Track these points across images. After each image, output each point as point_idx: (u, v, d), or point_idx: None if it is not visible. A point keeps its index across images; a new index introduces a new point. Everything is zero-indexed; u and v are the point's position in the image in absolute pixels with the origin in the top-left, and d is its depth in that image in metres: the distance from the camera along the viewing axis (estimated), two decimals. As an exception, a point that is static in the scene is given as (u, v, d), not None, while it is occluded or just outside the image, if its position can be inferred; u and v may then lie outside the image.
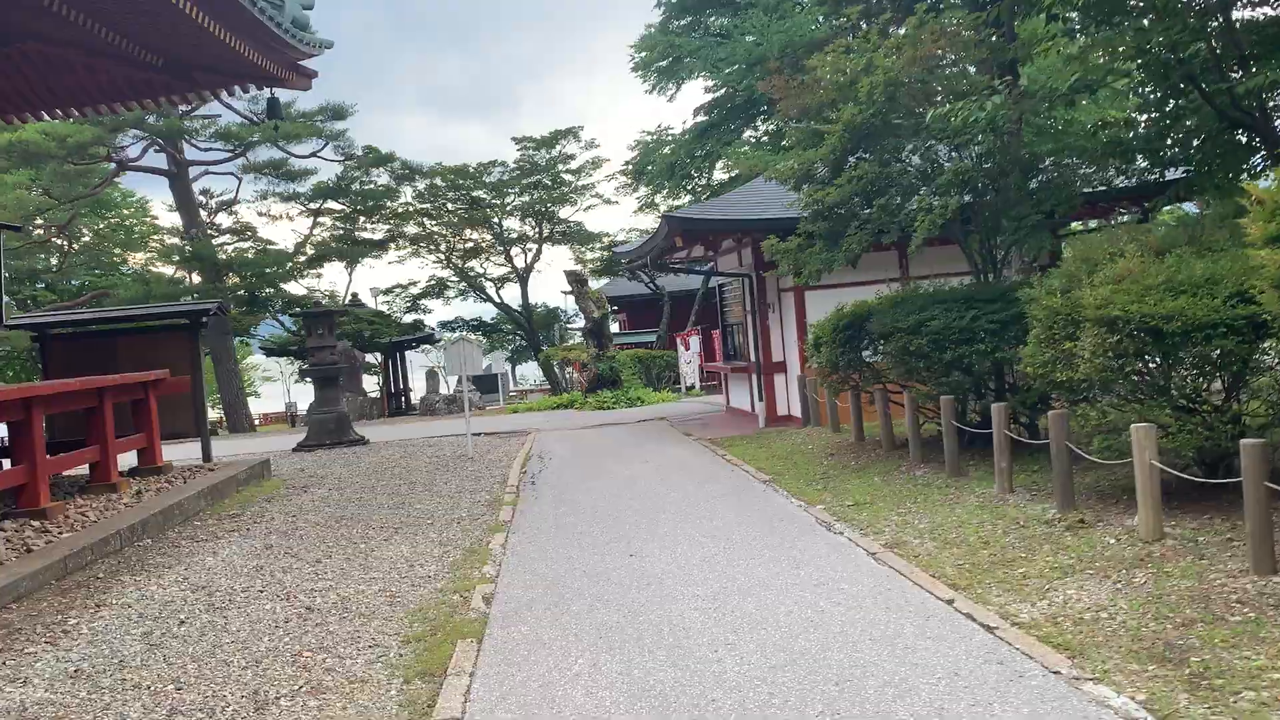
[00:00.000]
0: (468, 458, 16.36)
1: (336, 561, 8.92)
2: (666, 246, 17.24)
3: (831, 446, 13.59)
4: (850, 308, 12.33)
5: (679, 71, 32.41)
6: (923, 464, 11.16)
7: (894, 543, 7.90)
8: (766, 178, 12.57)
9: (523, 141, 36.78)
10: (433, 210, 36.35)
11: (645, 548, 8.42)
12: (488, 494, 12.35)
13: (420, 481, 13.91)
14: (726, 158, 30.73)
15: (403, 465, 16.00)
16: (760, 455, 13.65)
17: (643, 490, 11.52)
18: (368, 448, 19.20)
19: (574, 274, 27.53)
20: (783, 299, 17.83)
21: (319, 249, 34.58)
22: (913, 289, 11.69)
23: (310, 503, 12.60)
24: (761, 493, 10.75)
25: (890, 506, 9.31)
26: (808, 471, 11.84)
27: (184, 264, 30.02)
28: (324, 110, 30.74)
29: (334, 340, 19.88)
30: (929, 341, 10.12)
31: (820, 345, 12.47)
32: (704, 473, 12.58)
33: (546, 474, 13.78)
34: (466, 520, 10.56)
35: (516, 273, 38.04)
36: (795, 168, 11.46)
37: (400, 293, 37.62)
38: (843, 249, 10.81)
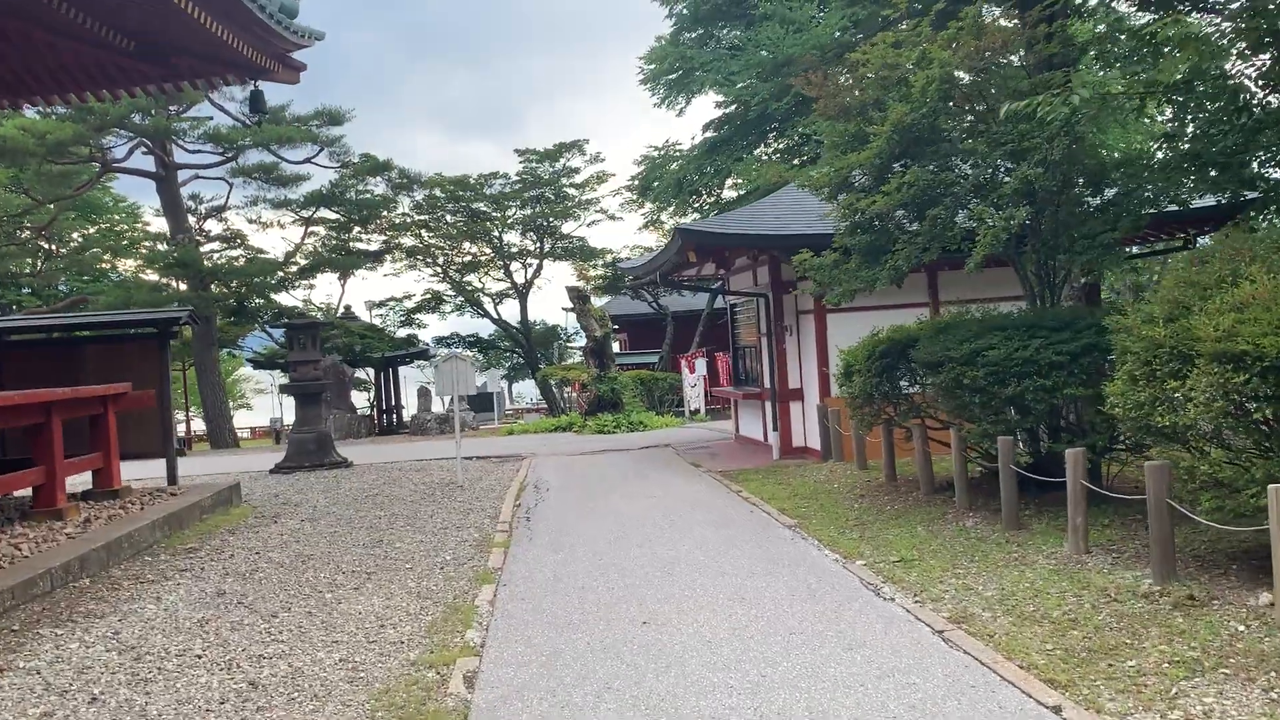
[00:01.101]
0: (457, 485, 15.03)
1: (295, 616, 7.58)
2: (678, 261, 15.98)
3: (860, 486, 12.26)
4: (887, 333, 11.06)
5: (689, 84, 31.28)
6: (971, 512, 9.85)
7: (960, 616, 6.58)
8: (799, 185, 11.35)
9: (525, 153, 35.61)
10: (431, 222, 35.10)
11: (661, 612, 7.09)
12: (476, 531, 11.02)
13: (403, 514, 12.58)
14: (737, 174, 29.55)
15: (386, 493, 14.67)
16: (780, 493, 12.32)
17: (652, 534, 10.19)
18: (350, 471, 17.86)
19: (576, 290, 26.28)
20: (801, 322, 16.56)
21: (311, 259, 33.31)
22: (961, 313, 10.41)
23: (278, 536, 11.26)
24: (789, 541, 9.42)
25: (944, 565, 7.99)
26: (838, 516, 10.51)
27: (167, 271, 28.73)
28: (320, 115, 29.53)
29: (319, 354, 18.58)
30: (986, 374, 8.83)
31: (852, 373, 11.18)
32: (719, 513, 11.26)
33: (543, 508, 12.45)
34: (451, 565, 9.22)
35: (516, 288, 36.78)
36: (831, 175, 10.20)
37: (394, 306, 36.32)
38: (886, 266, 9.53)
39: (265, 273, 30.22)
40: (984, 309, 10.87)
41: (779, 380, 16.61)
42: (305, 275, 33.67)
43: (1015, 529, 8.85)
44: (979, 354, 8.92)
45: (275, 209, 30.59)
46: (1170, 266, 7.17)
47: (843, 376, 11.44)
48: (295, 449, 18.18)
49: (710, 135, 31.83)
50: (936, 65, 8.69)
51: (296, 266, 33.41)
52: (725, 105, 31.69)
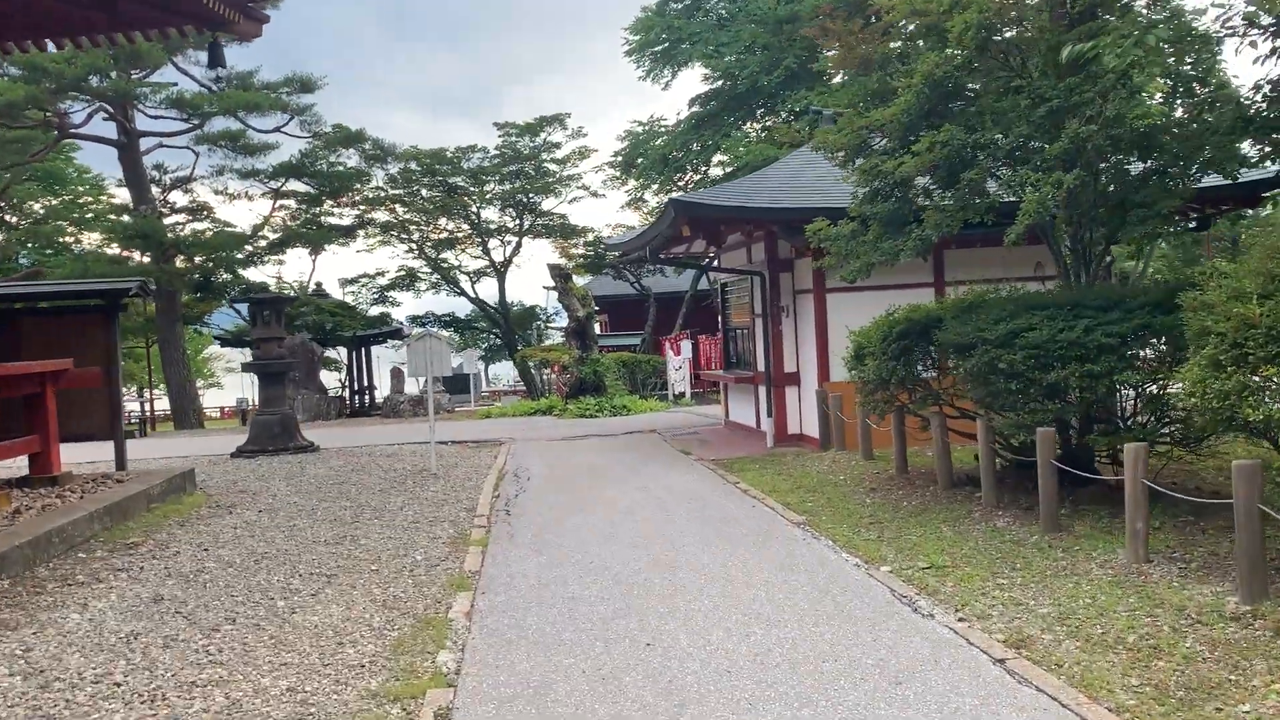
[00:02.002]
0: (431, 473, 13.98)
1: (241, 630, 6.54)
2: (670, 235, 14.95)
3: (868, 478, 11.32)
4: (903, 312, 10.09)
5: (676, 56, 30.21)
6: (999, 510, 8.91)
7: (1017, 639, 5.63)
8: (814, 148, 10.33)
9: (505, 127, 34.35)
10: (406, 196, 33.79)
11: (666, 631, 6.10)
12: (451, 526, 9.99)
13: (371, 504, 11.53)
14: (725, 150, 28.52)
15: (353, 480, 13.60)
16: (782, 485, 11.36)
17: (646, 531, 9.19)
18: (316, 456, 16.75)
19: (558, 268, 25.19)
20: (799, 302, 15.59)
21: (281, 233, 31.96)
22: (986, 291, 9.46)
23: (231, 530, 10.18)
24: (801, 541, 8.45)
25: (982, 573, 7.05)
26: (850, 512, 9.56)
27: (127, 242, 27.33)
28: (290, 82, 28.15)
29: (283, 331, 17.43)
30: (1025, 358, 7.87)
31: (864, 356, 10.21)
32: (717, 507, 10.28)
33: (524, 500, 11.43)
34: (422, 567, 8.19)
35: (494, 266, 35.57)
36: (849, 135, 9.18)
37: (367, 283, 34.96)
38: (912, 237, 8.53)
39: (232, 246, 28.87)
40: (997, 290, 9.96)
41: (774, 363, 15.64)
42: (275, 250, 32.32)
43: (1055, 531, 7.92)
44: (1017, 335, 7.96)
45: (243, 179, 29.24)
46: (1256, 236, 6.27)
47: (853, 360, 10.47)
48: (258, 431, 17.06)
49: (697, 110, 30.78)
50: (975, 8, 7.67)
51: (266, 241, 32.06)
52: (712, 79, 30.64)
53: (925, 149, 8.00)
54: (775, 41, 26.47)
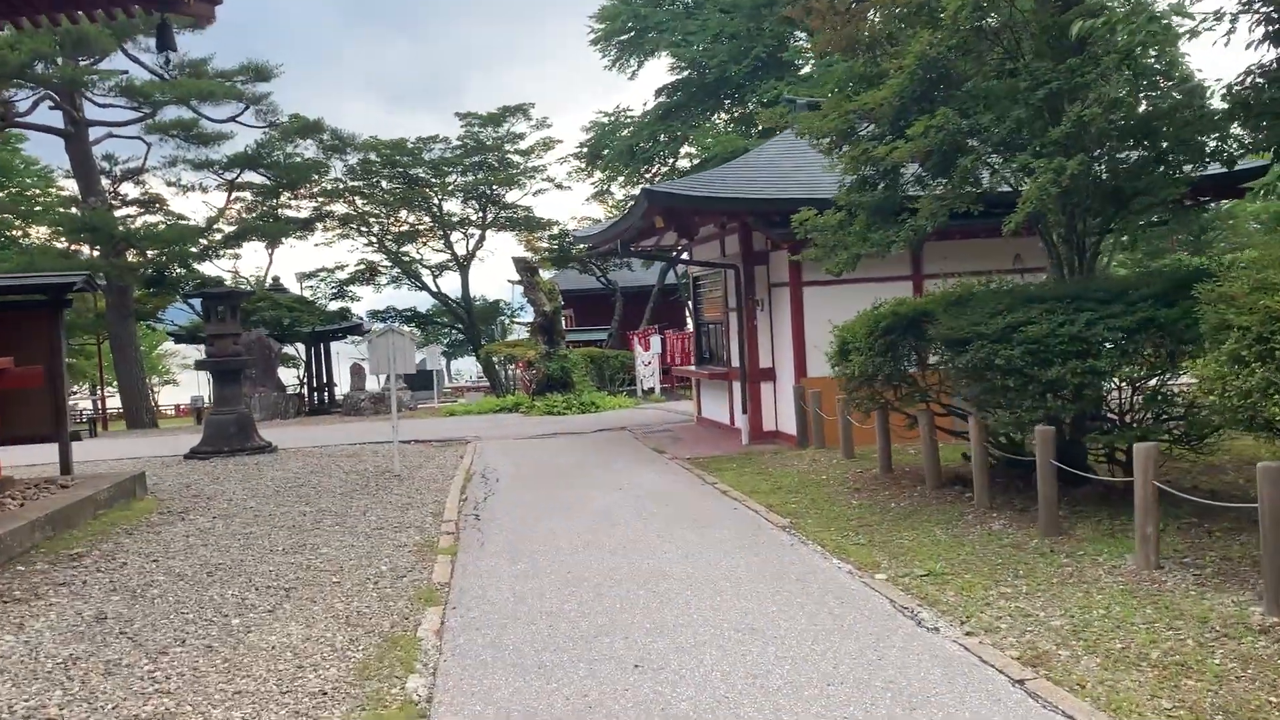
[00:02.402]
0: (394, 475, 13.44)
1: (190, 653, 6.01)
2: (642, 227, 14.49)
3: (852, 478, 10.94)
4: (890, 306, 9.71)
5: (642, 45, 29.75)
6: (993, 512, 8.56)
7: (1033, 656, 5.25)
8: (799, 134, 9.93)
9: (467, 117, 33.68)
10: (365, 188, 33.03)
11: (655, 650, 5.65)
12: (417, 532, 9.48)
13: (331, 509, 10.98)
14: (693, 141, 28.11)
15: (313, 483, 13.02)
16: (762, 486, 10.96)
17: (626, 537, 8.74)
18: (274, 457, 16.12)
19: (523, 261, 24.63)
20: (774, 295, 15.21)
21: (237, 225, 31.07)
22: (976, 285, 9.11)
23: (183, 539, 9.60)
24: (788, 547, 8.04)
25: (983, 581, 6.67)
26: (836, 515, 9.17)
27: (74, 235, 26.34)
28: (245, 70, 27.28)
29: (238, 327, 16.76)
30: (1024, 353, 7.51)
31: (849, 352, 9.82)
32: (698, 509, 9.85)
33: (494, 503, 10.93)
34: (388, 579, 7.68)
35: (456, 260, 34.91)
36: (836, 120, 8.76)
37: (326, 277, 34.15)
38: (905, 227, 8.14)
39: (185, 239, 27.97)
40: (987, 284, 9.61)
41: (749, 359, 15.24)
42: (231, 243, 31.45)
43: (1055, 534, 7.58)
44: (1015, 330, 7.60)
45: (196, 170, 28.36)
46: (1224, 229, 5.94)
47: (837, 355, 10.08)
48: (213, 432, 16.38)
49: (664, 100, 30.35)
50: (968, -12, 7.30)
51: (221, 234, 31.17)
52: (679, 70, 30.22)
53: (919, 133, 7.61)
54: (745, 29, 26.09)
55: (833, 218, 9.00)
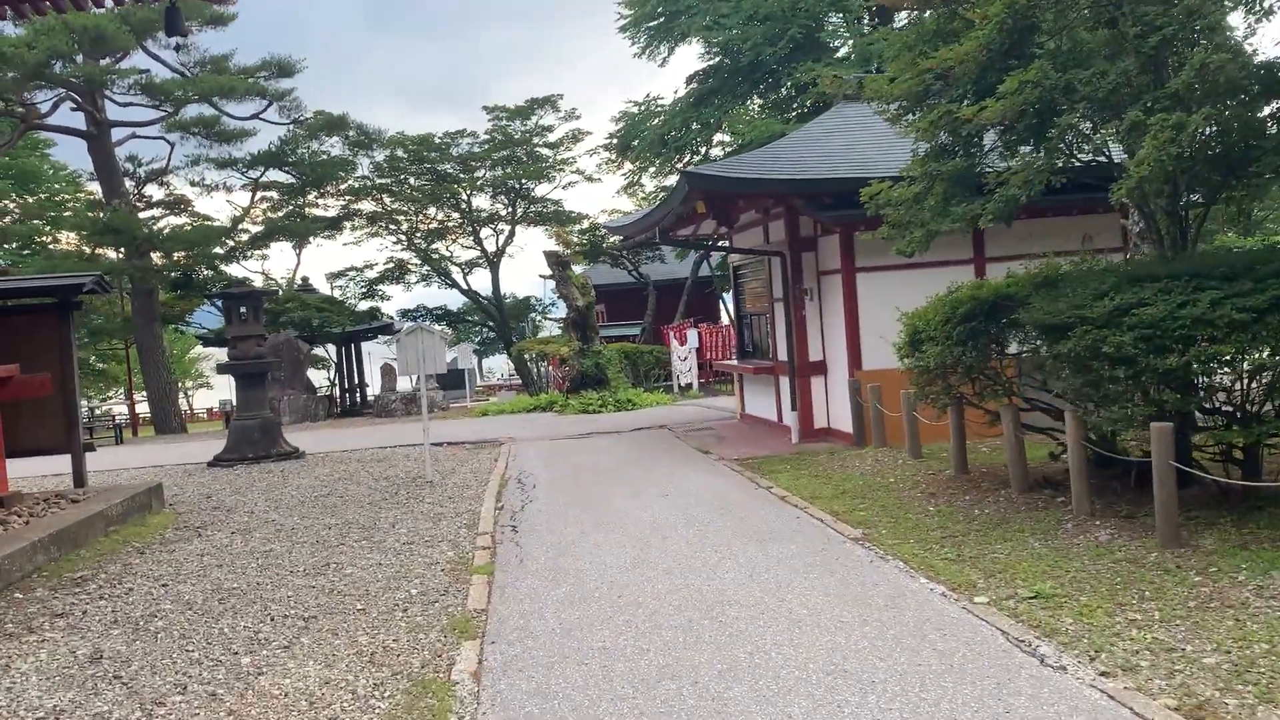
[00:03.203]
0: (426, 481, 12.66)
1: (192, 702, 5.21)
2: (683, 212, 13.60)
3: (923, 480, 10.00)
4: (967, 289, 8.75)
5: (673, 30, 28.78)
6: (1094, 520, 7.60)
7: (1193, 705, 4.33)
8: (866, 98, 8.96)
9: (494, 111, 32.90)
10: (393, 185, 32.33)
11: (730, 699, 4.77)
12: (450, 547, 8.66)
13: (359, 521, 10.20)
14: (728, 127, 27.13)
15: (340, 492, 12.26)
16: (823, 490, 10.04)
17: (679, 553, 7.86)
18: (301, 463, 15.39)
19: (555, 255, 23.80)
20: (824, 284, 14.25)
21: (265, 225, 30.48)
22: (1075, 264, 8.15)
23: (197, 558, 8.84)
24: (867, 564, 7.12)
25: (1104, 604, 5.74)
26: (914, 524, 8.24)
27: (97, 237, 25.80)
28: (267, 65, 26.66)
29: (261, 328, 16.05)
30: (1136, 339, 6.54)
31: (921, 342, 8.88)
32: (755, 518, 8.95)
33: (532, 513, 10.09)
34: (418, 604, 6.86)
35: (486, 257, 34.15)
36: (909, 82, 7.82)
37: (355, 276, 33.50)
38: (994, 200, 7.18)
39: (211, 240, 27.41)
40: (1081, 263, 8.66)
41: (798, 352, 14.30)
42: (257, 244, 30.88)
43: (1177, 546, 6.61)
44: (1126, 312, 6.64)
45: (220, 169, 27.76)
46: None
47: (907, 346, 9.13)
48: (237, 438, 15.69)
49: (696, 87, 29.38)
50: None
51: (248, 235, 30.60)
52: (711, 55, 29.25)
53: (1013, 90, 6.66)
54: (780, 10, 25.06)
55: (909, 190, 8.05)
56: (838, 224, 12.98)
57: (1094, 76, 6.68)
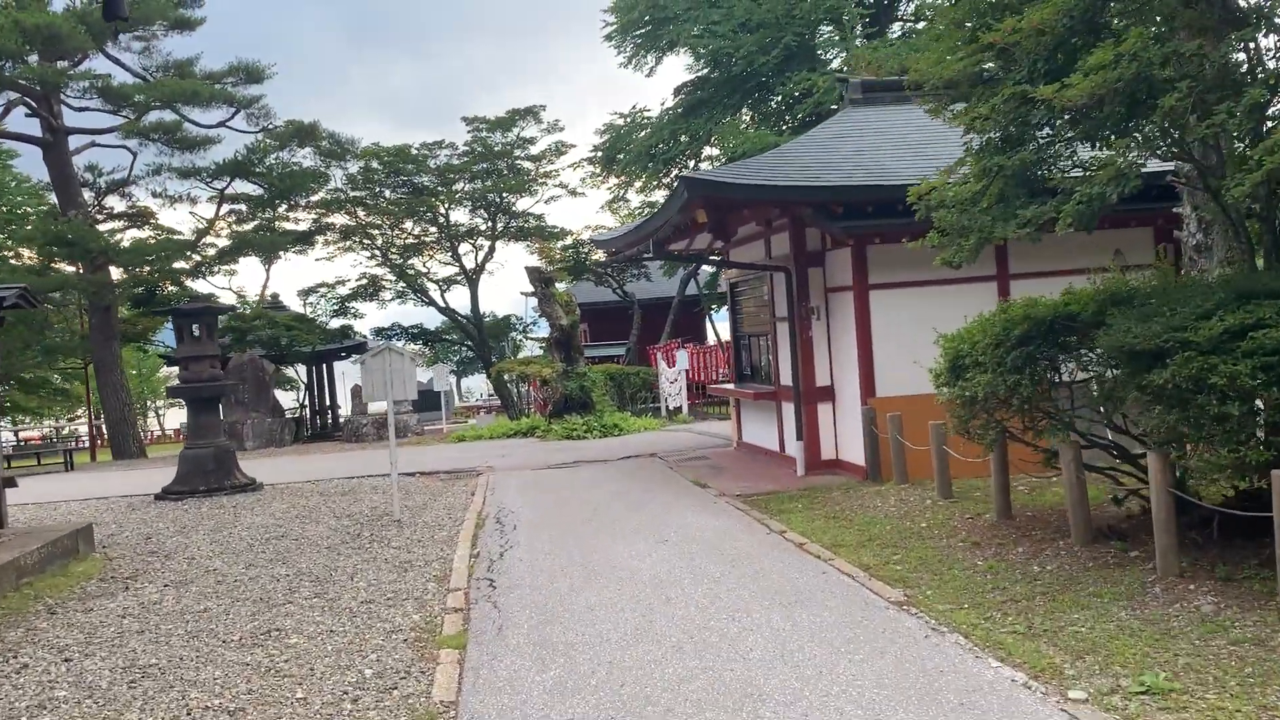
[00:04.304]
0: (393, 520, 11.33)
1: None
2: (681, 222, 12.39)
3: (961, 526, 8.76)
4: (1020, 308, 7.54)
5: (660, 38, 27.68)
6: (1187, 581, 6.37)
7: None
8: (909, 82, 7.74)
9: (474, 122, 31.64)
10: (367, 198, 30.97)
11: None
12: (417, 607, 7.36)
13: (313, 570, 8.87)
14: (718, 139, 26.01)
15: (296, 533, 10.91)
16: (845, 536, 8.78)
17: (690, 618, 6.58)
18: (257, 497, 14.00)
19: (538, 271, 22.54)
20: (832, 302, 13.06)
21: (233, 239, 29.01)
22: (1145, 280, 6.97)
23: (117, 620, 7.49)
24: (920, 639, 5.86)
25: (1243, 706, 4.51)
26: (962, 581, 7.00)
27: (49, 250, 24.20)
28: (235, 70, 25.30)
29: (216, 348, 14.68)
30: (1254, 368, 5.34)
31: (964, 368, 7.66)
32: (773, 572, 7.68)
33: (512, 562, 8.77)
34: (371, 692, 5.55)
35: (465, 273, 32.80)
36: (964, 61, 6.62)
37: (326, 293, 32.03)
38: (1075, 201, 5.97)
39: (173, 253, 25.94)
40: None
41: (804, 376, 13.08)
42: (225, 259, 29.39)
43: (1305, 622, 5.39)
44: (1241, 335, 5.44)
45: (183, 179, 26.27)
46: None
47: (947, 373, 7.91)
48: (187, 468, 14.28)
49: (684, 98, 28.28)
50: None
51: (215, 249, 29.13)
52: (698, 68, 28.23)
53: (1104, 63, 5.46)
54: (774, 18, 24.03)
55: (968, 188, 6.84)
56: (851, 236, 11.80)
57: (1195, 51, 5.50)
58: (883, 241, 12.04)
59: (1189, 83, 5.51)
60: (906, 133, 13.84)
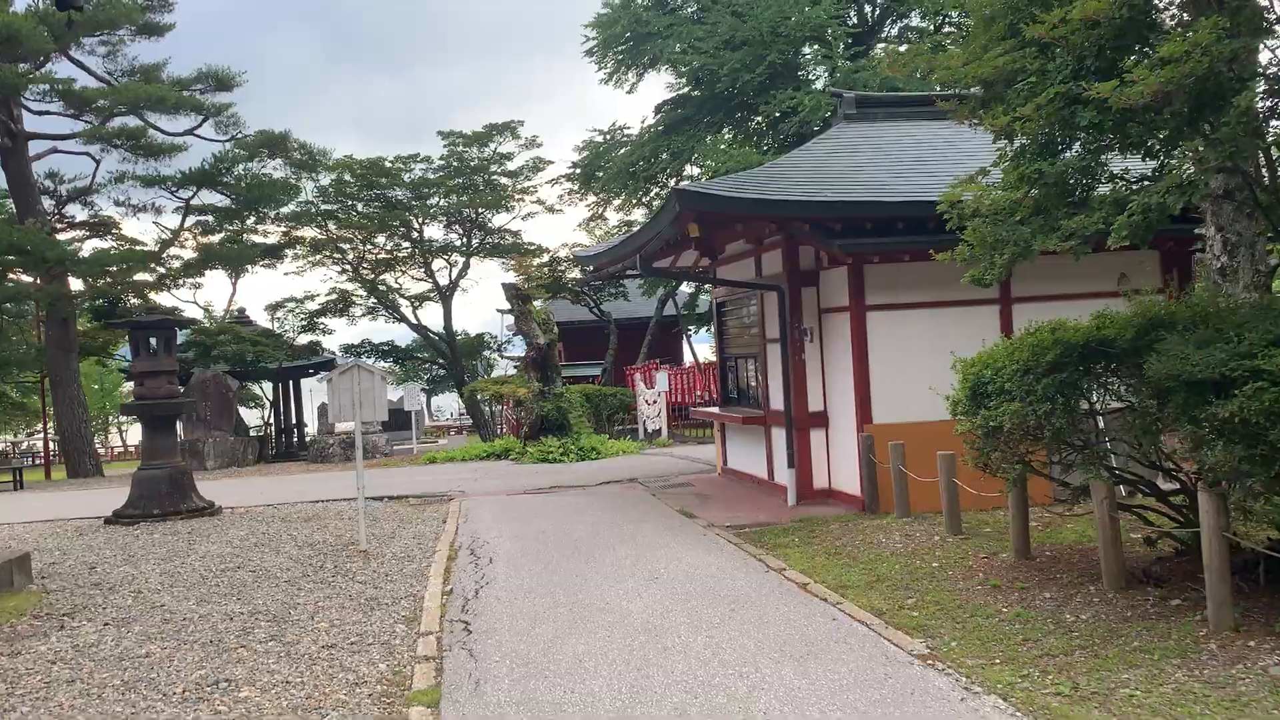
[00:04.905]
0: (358, 549, 10.56)
1: None
2: (672, 236, 11.74)
3: (976, 565, 8.12)
4: (1047, 332, 6.93)
5: (642, 55, 27.15)
6: (1244, 638, 5.75)
7: None
8: (938, 79, 7.14)
9: (451, 136, 31.00)
10: (339, 212, 30.16)
11: None
12: (384, 655, 6.61)
13: (269, 608, 8.09)
14: (701, 157, 25.47)
15: (254, 563, 10.12)
16: (851, 576, 8.12)
17: (691, 674, 5.87)
18: (215, 522, 13.15)
19: (514, 288, 21.82)
20: (826, 323, 12.47)
21: (200, 251, 28.05)
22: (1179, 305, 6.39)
23: (45, 668, 6.68)
24: (955, 701, 5.19)
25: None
26: (988, 630, 6.35)
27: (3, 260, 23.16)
28: (204, 77, 24.50)
29: (174, 363, 13.83)
30: (1338, 401, 4.74)
31: (987, 395, 7.04)
32: (778, 619, 6.99)
33: (490, 600, 8.03)
34: (330, 767, 4.80)
35: (438, 290, 32.01)
36: (999, 59, 6.01)
37: (294, 308, 31.09)
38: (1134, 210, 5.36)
39: (135, 264, 24.98)
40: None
41: (796, 400, 12.45)
42: (191, 271, 28.41)
43: (1395, 690, 4.78)
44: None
45: (147, 187, 25.34)
46: None
47: (966, 401, 7.29)
48: (141, 491, 13.41)
49: (665, 115, 27.75)
50: None
51: (181, 261, 28.17)
52: (680, 86, 27.73)
53: (1178, 55, 4.84)
54: (758, 36, 23.57)
55: (1006, 196, 6.21)
56: (849, 254, 11.21)
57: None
58: (882, 260, 11.47)
59: (1266, 81, 4.94)
60: (903, 149, 13.33)
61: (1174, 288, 8.80)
